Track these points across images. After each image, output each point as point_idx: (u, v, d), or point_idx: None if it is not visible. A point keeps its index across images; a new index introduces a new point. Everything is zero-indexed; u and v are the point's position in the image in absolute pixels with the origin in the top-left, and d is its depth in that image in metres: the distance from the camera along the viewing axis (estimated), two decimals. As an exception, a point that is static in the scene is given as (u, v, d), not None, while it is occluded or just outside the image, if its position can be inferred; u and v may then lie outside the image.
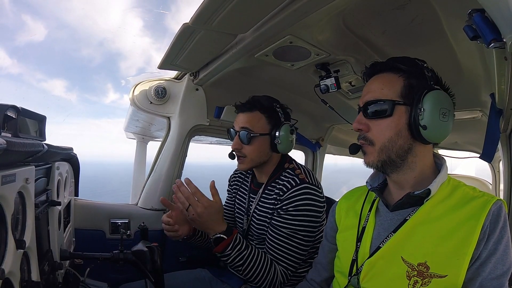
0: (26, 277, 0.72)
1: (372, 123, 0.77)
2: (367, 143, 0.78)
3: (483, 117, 1.45)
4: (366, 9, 0.92)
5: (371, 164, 0.79)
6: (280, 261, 1.17)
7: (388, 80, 0.77)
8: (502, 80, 0.82)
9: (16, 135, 0.67)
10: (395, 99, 0.74)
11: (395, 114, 0.74)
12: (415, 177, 0.78)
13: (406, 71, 0.76)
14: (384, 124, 0.75)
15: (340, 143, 2.55)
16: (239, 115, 1.30)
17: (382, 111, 0.75)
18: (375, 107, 0.76)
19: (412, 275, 0.69)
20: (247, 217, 1.35)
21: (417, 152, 0.76)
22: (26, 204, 0.73)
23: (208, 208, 1.07)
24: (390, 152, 0.75)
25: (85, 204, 1.52)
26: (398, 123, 0.74)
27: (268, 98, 1.30)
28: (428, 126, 0.71)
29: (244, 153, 1.26)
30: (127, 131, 3.12)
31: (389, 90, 0.75)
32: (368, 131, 0.77)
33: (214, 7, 0.87)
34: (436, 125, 0.72)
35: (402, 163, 0.76)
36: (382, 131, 0.75)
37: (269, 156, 1.29)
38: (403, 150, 0.75)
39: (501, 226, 0.67)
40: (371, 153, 0.78)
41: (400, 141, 0.74)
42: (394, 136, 0.74)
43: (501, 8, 0.50)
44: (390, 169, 0.78)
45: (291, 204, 1.17)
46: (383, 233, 0.78)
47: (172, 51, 1.22)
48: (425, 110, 0.71)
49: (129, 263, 1.03)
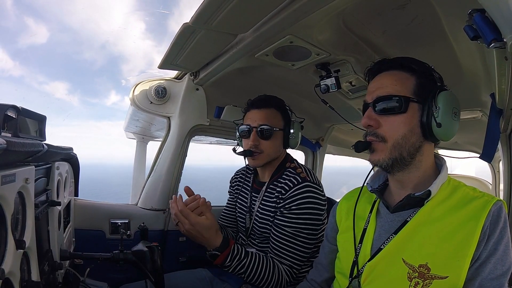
0: (26, 277, 0.72)
1: (383, 119, 0.75)
2: (378, 139, 0.76)
3: (483, 117, 1.45)
4: (366, 9, 0.92)
5: (381, 162, 0.76)
6: (285, 260, 1.17)
7: (400, 77, 0.76)
8: (503, 80, 0.82)
9: (16, 135, 0.67)
10: (407, 95, 0.74)
11: (409, 111, 0.74)
12: (419, 177, 0.78)
13: (417, 71, 0.76)
14: (398, 120, 0.74)
15: (340, 143, 2.55)
16: (252, 112, 1.30)
17: (396, 107, 0.74)
18: (387, 103, 0.74)
19: (413, 277, 0.69)
20: (250, 215, 1.36)
21: (425, 151, 0.77)
22: (26, 204, 0.73)
23: (195, 225, 1.08)
24: (402, 150, 0.74)
25: (85, 204, 1.51)
26: (412, 120, 0.74)
27: (278, 98, 1.35)
28: (443, 124, 0.71)
29: (261, 149, 1.28)
30: (127, 131, 3.12)
31: (401, 87, 0.75)
32: (379, 127, 0.76)
33: (214, 7, 0.87)
34: (449, 123, 0.73)
35: (411, 161, 0.76)
36: (395, 128, 0.74)
37: (280, 153, 1.34)
38: (414, 148, 0.74)
39: (501, 227, 0.67)
40: (382, 150, 0.75)
41: (413, 139, 0.74)
42: (408, 133, 0.73)
43: (501, 8, 0.50)
44: (397, 168, 0.76)
45: (294, 202, 1.18)
46: (384, 235, 0.78)
47: (172, 51, 1.22)
48: (440, 108, 0.72)
49: (129, 263, 1.03)
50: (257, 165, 1.32)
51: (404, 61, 0.78)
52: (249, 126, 1.30)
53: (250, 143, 1.28)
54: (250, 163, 1.32)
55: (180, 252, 1.65)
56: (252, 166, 1.34)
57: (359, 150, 0.79)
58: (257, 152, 1.28)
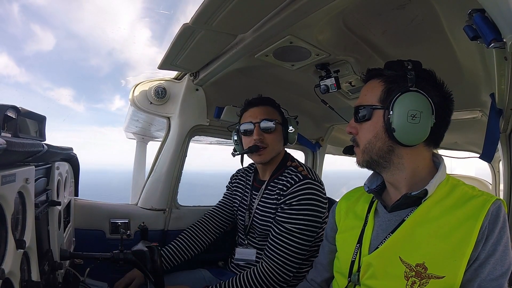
0: (26, 277, 0.72)
1: (360, 127, 0.82)
2: (355, 144, 0.85)
3: (483, 117, 1.45)
4: (366, 9, 0.92)
5: (359, 164, 0.84)
6: (281, 257, 1.17)
7: (371, 86, 0.82)
8: (502, 80, 0.82)
9: (16, 135, 0.67)
10: (373, 103, 0.79)
11: (373, 118, 0.79)
12: (405, 178, 0.78)
13: (387, 76, 0.79)
14: (365, 127, 0.80)
15: (340, 143, 2.55)
16: (251, 110, 1.34)
17: (364, 115, 0.80)
18: (359, 112, 0.82)
19: (410, 276, 0.69)
20: (249, 213, 1.36)
21: (402, 153, 0.77)
22: (26, 204, 0.73)
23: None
24: (371, 153, 0.79)
25: (85, 204, 1.52)
26: (376, 126, 0.78)
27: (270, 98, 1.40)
28: (396, 129, 0.73)
29: (266, 143, 1.30)
30: (127, 131, 3.12)
31: (370, 96, 0.80)
32: (357, 133, 0.83)
33: (214, 7, 0.87)
34: (405, 127, 0.73)
35: (387, 163, 0.79)
36: (364, 134, 0.81)
37: (282, 149, 1.36)
38: (383, 151, 0.78)
39: (500, 227, 0.66)
40: (358, 153, 0.84)
41: (379, 143, 0.78)
42: (372, 138, 0.79)
43: (501, 8, 0.50)
44: (378, 169, 0.82)
45: (294, 198, 1.19)
46: (382, 234, 0.78)
47: (172, 51, 1.22)
48: (393, 113, 0.74)
49: (129, 263, 1.03)
50: (263, 161, 1.32)
51: (377, 69, 0.82)
52: (251, 123, 1.31)
53: (255, 137, 1.29)
54: (256, 160, 1.33)
55: None
56: (259, 162, 1.34)
57: (347, 153, 0.89)
58: (263, 146, 1.29)
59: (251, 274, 1.18)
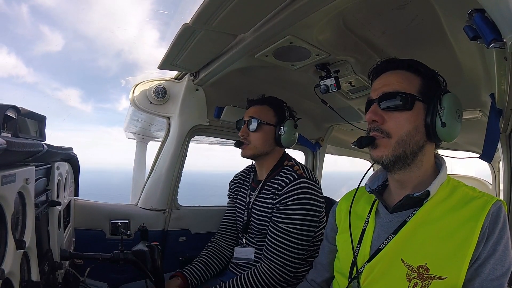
0: (26, 277, 0.72)
1: (388, 116, 0.75)
2: (382, 135, 0.75)
3: (483, 117, 1.45)
4: (366, 9, 0.92)
5: (384, 159, 0.75)
6: (280, 257, 1.17)
7: (406, 76, 0.77)
8: (502, 80, 0.82)
9: (16, 135, 0.67)
10: (415, 94, 0.75)
11: (415, 109, 0.74)
12: (419, 176, 0.78)
13: (423, 72, 0.78)
14: (403, 117, 0.74)
15: (340, 143, 2.55)
16: (249, 108, 1.40)
17: (402, 104, 0.74)
18: (393, 100, 0.74)
19: (412, 277, 0.69)
20: (247, 211, 1.37)
21: (426, 151, 0.77)
22: (26, 204, 0.73)
23: None
24: (406, 147, 0.73)
25: (85, 204, 1.51)
26: (417, 118, 0.74)
27: (277, 99, 1.42)
28: (447, 124, 0.72)
29: (249, 140, 1.35)
30: (127, 131, 3.12)
31: (408, 85, 0.75)
32: (383, 123, 0.75)
33: (214, 7, 0.87)
34: (453, 124, 0.74)
35: (413, 160, 0.76)
36: (400, 124, 0.74)
37: (272, 148, 1.37)
38: (417, 146, 0.75)
39: (500, 227, 0.66)
40: (385, 146, 0.75)
41: (417, 137, 0.74)
42: (412, 130, 0.74)
43: (501, 8, 0.50)
44: (399, 166, 0.76)
45: (289, 198, 1.19)
46: (383, 235, 0.77)
47: (172, 51, 1.22)
48: (445, 108, 0.73)
49: (129, 263, 1.03)
50: (245, 155, 1.39)
51: (411, 62, 0.79)
52: (243, 120, 1.39)
53: (239, 133, 1.37)
54: (241, 153, 1.41)
55: (180, 252, 1.65)
56: (242, 156, 1.41)
57: (362, 146, 0.78)
58: (245, 142, 1.36)
59: (251, 276, 1.18)
